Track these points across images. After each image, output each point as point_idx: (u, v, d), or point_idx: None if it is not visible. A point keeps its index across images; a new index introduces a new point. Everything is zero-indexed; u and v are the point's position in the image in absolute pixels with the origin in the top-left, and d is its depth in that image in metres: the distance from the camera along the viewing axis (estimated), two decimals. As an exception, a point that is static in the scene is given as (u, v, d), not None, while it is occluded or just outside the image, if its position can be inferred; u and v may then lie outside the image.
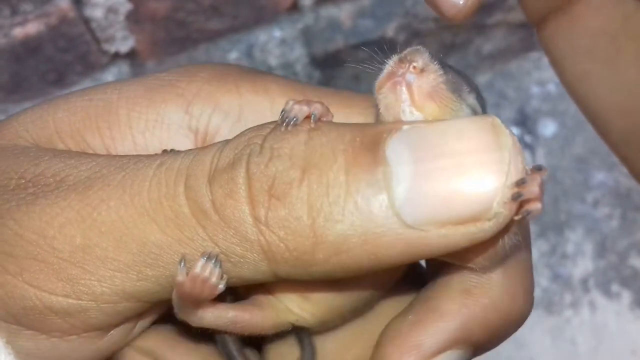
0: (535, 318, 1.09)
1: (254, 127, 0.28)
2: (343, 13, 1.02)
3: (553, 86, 1.20)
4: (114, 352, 0.31)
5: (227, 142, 0.28)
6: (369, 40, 1.03)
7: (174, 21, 0.93)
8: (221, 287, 0.27)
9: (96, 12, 0.88)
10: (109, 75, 0.95)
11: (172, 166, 0.27)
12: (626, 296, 1.09)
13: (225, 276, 0.27)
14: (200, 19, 0.94)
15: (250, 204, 0.26)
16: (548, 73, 1.21)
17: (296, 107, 0.27)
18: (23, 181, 0.29)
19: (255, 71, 0.34)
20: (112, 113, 0.32)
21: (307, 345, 0.32)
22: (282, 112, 0.28)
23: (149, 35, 0.93)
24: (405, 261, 0.27)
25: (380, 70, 0.30)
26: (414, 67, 0.28)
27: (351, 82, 1.08)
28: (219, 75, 0.33)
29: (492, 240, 0.27)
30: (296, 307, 0.31)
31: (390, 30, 1.04)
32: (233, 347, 0.31)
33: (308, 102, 0.28)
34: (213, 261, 0.26)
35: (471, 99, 0.29)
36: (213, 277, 0.27)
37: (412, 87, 0.28)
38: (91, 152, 0.32)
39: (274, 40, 1.00)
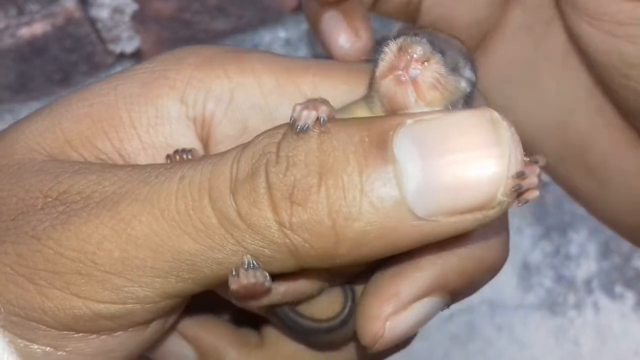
0: (538, 319, 1.09)
1: (266, 133, 0.29)
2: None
3: (557, 87, 1.20)
4: (157, 339, 0.34)
5: (242, 150, 0.29)
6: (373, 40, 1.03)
7: (179, 21, 0.93)
8: (268, 284, 0.30)
9: (102, 13, 0.88)
10: (115, 75, 0.95)
11: (194, 179, 0.29)
12: (630, 297, 1.09)
13: (268, 275, 0.29)
14: (205, 19, 0.94)
15: (273, 211, 0.28)
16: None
17: (305, 112, 0.28)
18: (50, 200, 0.30)
19: (239, 51, 0.35)
20: (115, 116, 0.34)
21: (350, 293, 0.35)
22: (291, 117, 0.29)
23: (155, 35, 0.94)
24: (419, 245, 0.29)
25: (380, 57, 0.30)
26: (416, 61, 0.29)
27: (355, 82, 1.08)
28: (205, 61, 0.34)
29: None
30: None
31: (394, 30, 1.04)
32: (289, 312, 0.34)
33: (315, 105, 0.28)
34: (253, 267, 0.29)
35: (468, 72, 0.30)
36: (259, 280, 0.29)
37: (417, 82, 0.29)
38: (104, 156, 0.34)
39: (279, 41, 1.00)
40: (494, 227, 0.32)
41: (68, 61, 0.92)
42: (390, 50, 0.30)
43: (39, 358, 0.30)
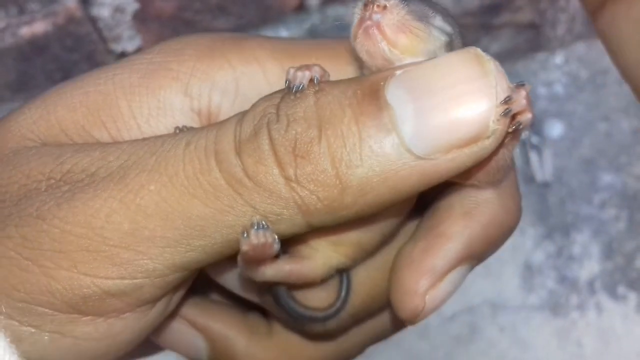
0: (541, 320, 1.08)
1: (264, 97, 0.30)
2: (350, 12, 1.02)
3: (560, 87, 1.20)
4: (159, 322, 0.34)
5: (243, 114, 0.30)
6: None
7: (180, 20, 0.93)
8: (276, 246, 0.31)
9: (103, 12, 0.88)
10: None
11: (199, 144, 0.30)
12: (632, 298, 1.09)
13: (277, 237, 0.30)
14: (206, 18, 0.94)
15: (279, 166, 0.29)
16: (555, 74, 1.21)
17: (299, 73, 0.30)
18: (53, 181, 0.30)
19: (237, 38, 0.35)
20: (113, 106, 0.33)
21: (345, 283, 0.36)
22: (286, 80, 0.30)
23: (156, 34, 0.94)
24: (422, 188, 0.30)
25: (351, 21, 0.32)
26: (377, 7, 0.31)
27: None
28: (207, 51, 0.35)
29: (492, 156, 0.30)
30: (333, 252, 0.34)
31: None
32: (284, 294, 0.35)
33: (307, 67, 0.30)
34: (263, 227, 0.29)
35: (438, 21, 0.32)
36: (269, 240, 0.30)
37: (380, 26, 0.30)
38: None
39: (281, 40, 1.00)
40: (509, 192, 0.34)
41: (69, 60, 0.92)
42: (357, 10, 0.32)
43: (46, 345, 0.30)
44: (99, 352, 0.32)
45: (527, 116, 0.30)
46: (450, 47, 0.32)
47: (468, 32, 1.10)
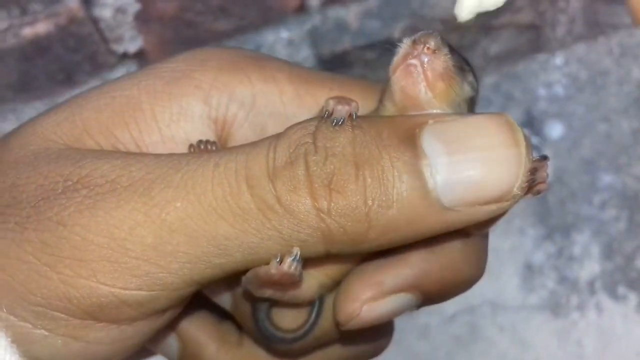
0: (541, 320, 1.08)
1: (298, 125, 0.31)
2: (350, 14, 1.02)
3: (560, 88, 1.20)
4: (165, 326, 0.35)
5: (276, 140, 0.31)
6: (375, 41, 1.03)
7: (182, 21, 0.94)
8: (300, 280, 0.32)
9: (105, 12, 0.88)
10: (118, 75, 0.95)
11: (229, 167, 0.30)
12: (633, 299, 1.09)
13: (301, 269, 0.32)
14: (208, 19, 0.95)
15: (312, 197, 0.30)
16: (555, 75, 1.21)
17: (339, 107, 0.31)
18: (70, 183, 0.31)
19: (259, 57, 0.37)
20: (137, 109, 0.35)
21: (317, 307, 0.37)
22: (325, 111, 0.31)
23: (157, 35, 0.94)
24: (439, 233, 0.32)
25: (394, 53, 0.33)
26: (428, 49, 0.32)
27: (358, 83, 1.08)
28: (229, 64, 0.36)
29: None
30: (325, 276, 0.35)
31: (397, 31, 1.04)
32: (264, 311, 0.36)
33: (347, 101, 0.31)
34: (297, 259, 0.31)
35: (470, 77, 0.33)
36: (297, 272, 0.31)
37: (426, 67, 0.32)
38: (120, 145, 0.34)
39: (282, 41, 1.00)
40: (477, 247, 0.36)
41: (71, 61, 0.92)
42: (405, 44, 0.32)
43: (59, 349, 0.31)
44: (109, 355, 0.32)
45: (544, 187, 0.32)
46: (472, 101, 0.34)
47: (468, 32, 1.10)
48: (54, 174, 0.31)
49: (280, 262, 0.31)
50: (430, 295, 0.35)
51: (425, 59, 0.32)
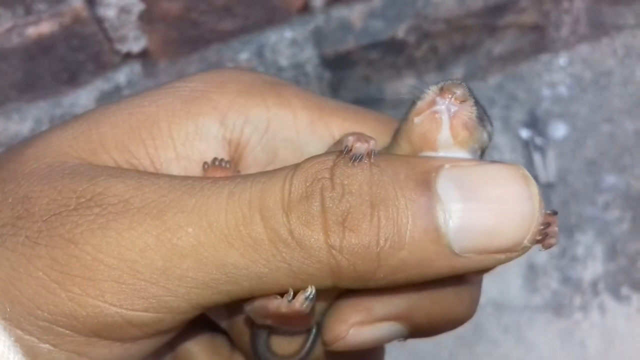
0: (544, 321, 1.08)
1: (315, 159, 0.32)
2: (354, 14, 1.02)
3: (564, 88, 1.20)
4: (167, 344, 0.35)
5: (293, 172, 0.31)
6: (379, 41, 1.03)
7: (186, 21, 0.94)
8: (310, 317, 0.33)
9: (109, 12, 0.88)
10: (121, 75, 0.96)
11: (243, 196, 0.31)
12: (636, 299, 1.09)
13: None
14: (212, 19, 0.95)
15: (325, 233, 0.30)
16: (559, 75, 1.21)
17: (358, 145, 0.31)
18: (83, 200, 0.31)
19: (277, 83, 0.38)
20: (154, 126, 0.35)
21: (314, 333, 0.37)
22: (345, 146, 0.31)
23: (161, 35, 0.94)
24: (445, 276, 0.32)
25: (418, 96, 0.33)
26: (456, 99, 0.32)
27: (361, 83, 1.08)
28: (247, 88, 0.37)
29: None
30: (322, 302, 0.35)
31: (400, 31, 1.04)
32: (263, 337, 0.36)
33: (366, 139, 0.31)
34: (311, 298, 0.31)
35: (488, 126, 0.34)
36: (308, 311, 0.31)
37: (452, 117, 0.32)
38: (135, 161, 0.35)
39: (285, 41, 1.00)
40: (472, 287, 0.36)
41: (75, 60, 0.92)
42: (431, 91, 0.33)
43: None
44: None
45: (553, 241, 0.33)
46: (485, 150, 0.34)
47: (472, 33, 1.10)
48: (68, 190, 0.31)
49: (292, 297, 0.31)
50: (419, 328, 0.35)
51: (453, 109, 0.32)
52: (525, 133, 1.17)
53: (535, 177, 1.14)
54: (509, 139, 1.16)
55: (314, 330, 0.37)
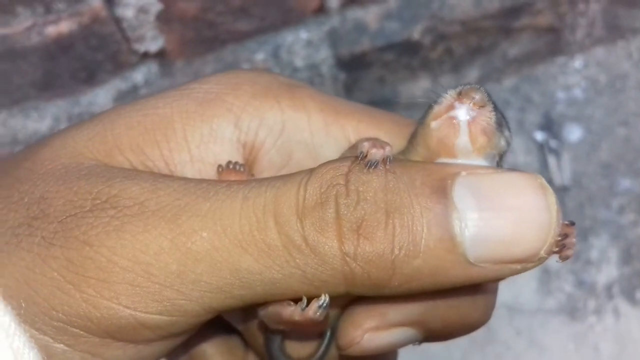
0: (558, 324, 1.08)
1: (330, 165, 0.31)
2: (369, 15, 1.02)
3: (579, 91, 1.19)
4: (181, 344, 0.35)
5: (308, 177, 0.31)
6: (394, 42, 1.03)
7: (203, 22, 0.94)
8: (324, 325, 0.33)
9: (127, 12, 0.89)
10: (139, 74, 0.96)
11: (257, 201, 0.30)
12: (651, 304, 1.08)
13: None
14: (228, 19, 0.95)
15: (339, 240, 0.30)
16: (574, 78, 1.20)
17: (373, 151, 0.31)
18: (98, 202, 0.31)
19: (292, 85, 0.37)
20: (169, 127, 0.35)
21: (328, 338, 0.37)
22: (360, 152, 0.31)
23: (179, 35, 0.95)
24: (459, 286, 0.31)
25: (435, 100, 0.33)
26: (475, 104, 0.31)
27: (376, 84, 1.08)
28: (261, 90, 0.37)
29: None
30: (336, 307, 0.35)
31: (416, 32, 1.04)
32: (278, 342, 0.37)
33: (382, 145, 0.31)
34: (324, 307, 0.31)
35: (507, 132, 0.33)
36: (321, 319, 0.31)
37: (472, 122, 0.32)
38: (150, 163, 0.35)
39: (301, 42, 1.01)
40: (488, 294, 0.35)
41: (93, 60, 0.93)
42: (449, 95, 0.32)
43: None
44: None
45: (570, 253, 0.32)
46: (502, 157, 0.34)
47: (487, 35, 1.10)
48: (84, 191, 0.31)
49: (306, 305, 0.31)
50: (433, 333, 0.35)
51: (472, 114, 0.32)
52: (540, 136, 1.17)
53: (550, 181, 1.13)
54: (523, 142, 1.16)
55: (327, 334, 0.37)
